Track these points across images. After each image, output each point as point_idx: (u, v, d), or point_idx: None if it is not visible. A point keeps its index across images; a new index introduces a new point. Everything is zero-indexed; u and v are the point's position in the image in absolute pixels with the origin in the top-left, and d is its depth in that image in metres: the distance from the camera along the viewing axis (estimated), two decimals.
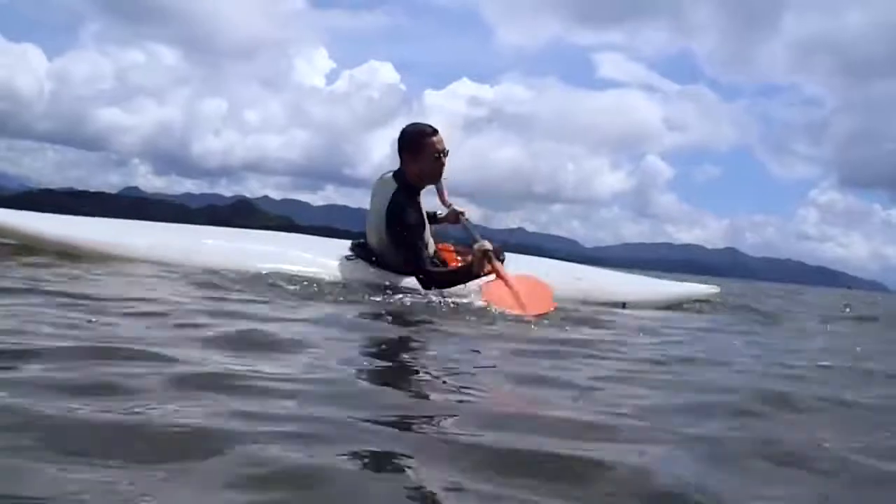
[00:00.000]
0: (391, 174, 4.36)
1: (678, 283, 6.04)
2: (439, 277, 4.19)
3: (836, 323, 5.63)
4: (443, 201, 4.75)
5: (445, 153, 4.36)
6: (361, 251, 4.37)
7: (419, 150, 4.30)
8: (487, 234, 4.39)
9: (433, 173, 4.42)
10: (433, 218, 4.60)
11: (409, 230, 4.15)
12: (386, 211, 4.18)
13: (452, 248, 4.72)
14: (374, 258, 4.29)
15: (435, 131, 4.33)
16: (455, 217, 4.69)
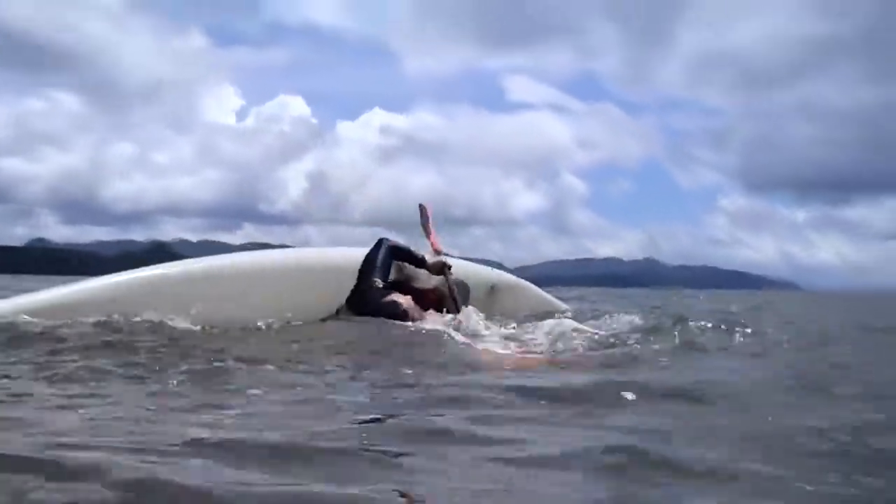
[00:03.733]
0: None
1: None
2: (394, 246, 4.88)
3: None
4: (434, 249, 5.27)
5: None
6: None
7: None
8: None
9: None
10: (419, 261, 4.96)
11: None
12: None
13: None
14: None
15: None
16: (440, 269, 4.94)
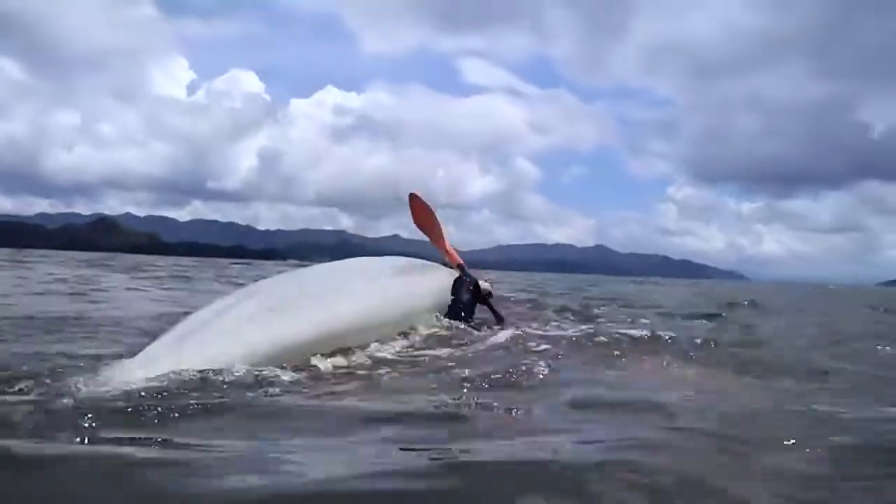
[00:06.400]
0: None
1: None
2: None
3: None
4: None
5: None
6: None
7: None
8: (370, 243, 4.34)
9: None
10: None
11: None
12: None
13: None
14: None
15: None
16: (486, 297, 5.31)
